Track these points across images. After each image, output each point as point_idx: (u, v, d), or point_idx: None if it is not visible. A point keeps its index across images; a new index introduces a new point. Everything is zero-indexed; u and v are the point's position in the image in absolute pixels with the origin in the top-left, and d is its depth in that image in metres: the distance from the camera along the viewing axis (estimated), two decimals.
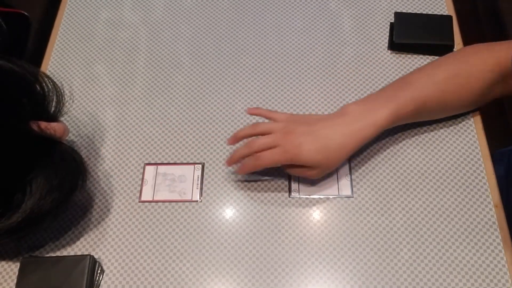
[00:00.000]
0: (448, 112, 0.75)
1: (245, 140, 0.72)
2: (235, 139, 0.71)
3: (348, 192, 0.72)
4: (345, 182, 0.73)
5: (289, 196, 0.72)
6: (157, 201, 0.73)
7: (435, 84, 0.69)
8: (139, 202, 0.73)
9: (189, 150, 0.77)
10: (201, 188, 0.74)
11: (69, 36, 0.90)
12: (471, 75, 0.70)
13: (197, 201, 0.73)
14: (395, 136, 0.76)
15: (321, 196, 0.72)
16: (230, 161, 0.71)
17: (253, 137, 0.70)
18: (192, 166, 0.75)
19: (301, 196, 0.72)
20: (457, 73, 0.70)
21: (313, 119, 0.69)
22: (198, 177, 0.74)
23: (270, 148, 0.67)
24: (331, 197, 0.72)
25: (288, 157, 0.66)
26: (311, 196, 0.72)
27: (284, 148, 0.66)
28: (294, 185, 0.73)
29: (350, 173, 0.73)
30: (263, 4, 0.92)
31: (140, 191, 0.74)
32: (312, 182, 0.73)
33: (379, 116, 0.67)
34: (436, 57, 0.83)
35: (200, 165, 0.75)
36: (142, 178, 0.75)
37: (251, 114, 0.74)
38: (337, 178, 0.73)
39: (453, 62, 0.72)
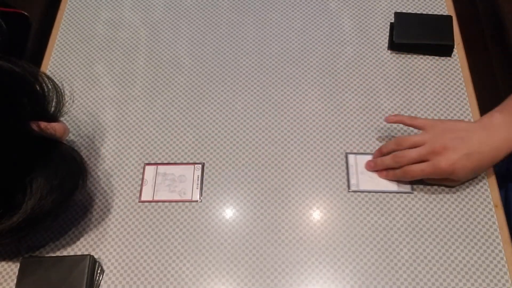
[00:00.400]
0: None
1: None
2: (380, 154, 0.72)
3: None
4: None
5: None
6: (157, 201, 0.73)
7: None
8: (139, 202, 0.73)
9: (189, 150, 0.77)
10: (201, 188, 0.74)
11: (69, 36, 0.90)
12: None
13: (197, 201, 0.73)
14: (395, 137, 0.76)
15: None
16: (374, 168, 0.72)
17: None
18: (192, 166, 0.75)
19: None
20: None
21: (462, 130, 0.67)
22: (198, 177, 0.74)
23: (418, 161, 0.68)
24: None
25: (439, 174, 0.67)
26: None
27: (436, 164, 0.66)
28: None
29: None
30: (263, 4, 0.92)
31: (140, 191, 0.74)
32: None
33: None
34: (436, 57, 0.83)
35: (200, 165, 0.75)
36: (142, 178, 0.75)
37: (391, 122, 0.73)
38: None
39: None
